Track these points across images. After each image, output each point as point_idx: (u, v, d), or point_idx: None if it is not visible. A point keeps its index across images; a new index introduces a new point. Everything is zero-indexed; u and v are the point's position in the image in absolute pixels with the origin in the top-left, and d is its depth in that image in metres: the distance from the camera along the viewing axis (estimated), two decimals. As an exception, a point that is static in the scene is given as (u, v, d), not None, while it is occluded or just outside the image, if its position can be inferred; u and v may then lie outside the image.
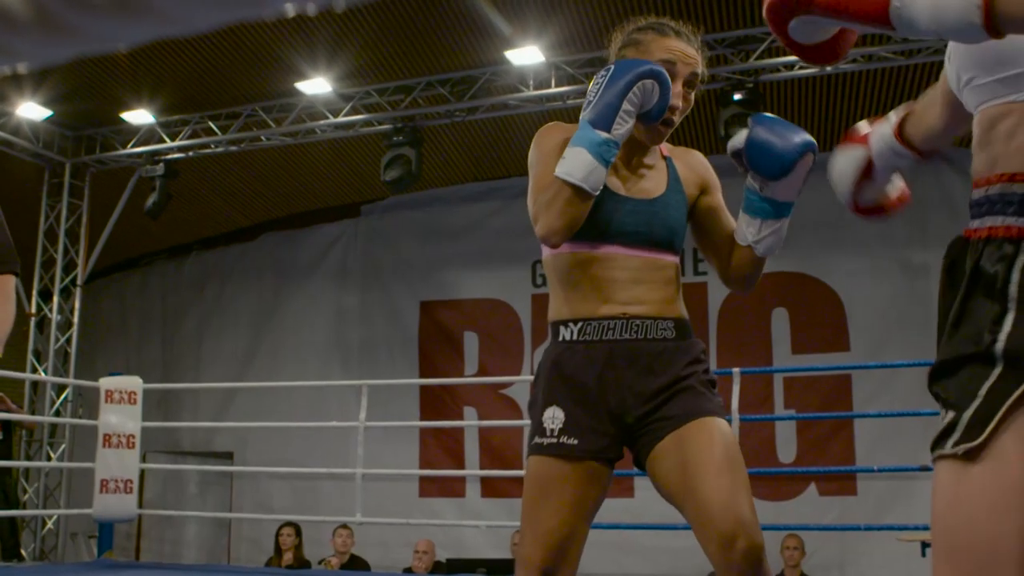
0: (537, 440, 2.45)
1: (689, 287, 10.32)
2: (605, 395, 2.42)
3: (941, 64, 1.72)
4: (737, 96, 8.34)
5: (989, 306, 1.39)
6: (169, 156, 10.10)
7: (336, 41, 8.50)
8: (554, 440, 2.42)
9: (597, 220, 2.43)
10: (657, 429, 2.40)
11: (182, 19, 0.65)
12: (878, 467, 7.98)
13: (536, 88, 8.92)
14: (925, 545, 6.32)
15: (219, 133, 9.92)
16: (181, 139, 10.03)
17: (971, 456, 1.37)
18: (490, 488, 10.53)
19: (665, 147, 2.64)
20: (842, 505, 9.44)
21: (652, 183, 2.54)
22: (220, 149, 10.11)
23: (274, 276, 12.08)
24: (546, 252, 2.52)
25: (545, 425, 2.44)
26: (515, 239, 10.84)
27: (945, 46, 1.68)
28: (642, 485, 10.12)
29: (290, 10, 0.66)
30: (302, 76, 9.07)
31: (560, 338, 2.48)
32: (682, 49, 2.49)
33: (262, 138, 9.91)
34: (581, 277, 2.46)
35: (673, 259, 2.52)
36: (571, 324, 2.46)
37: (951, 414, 1.41)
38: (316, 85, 9.20)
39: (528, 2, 7.92)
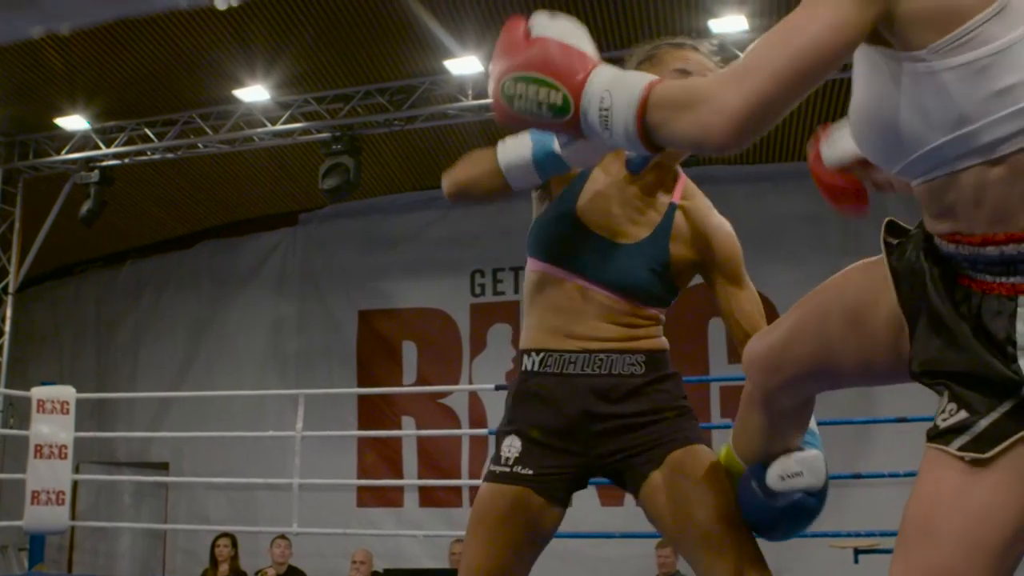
0: (491, 467, 2.35)
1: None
2: (570, 428, 2.32)
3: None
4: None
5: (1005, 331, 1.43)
6: (104, 163, 9.98)
7: (274, 48, 8.46)
8: (507, 469, 2.32)
9: (563, 246, 2.35)
10: (637, 464, 2.32)
11: (67, 13, 0.65)
12: (812, 474, 8.04)
13: (475, 98, 8.94)
14: (858, 552, 6.41)
15: (155, 140, 9.83)
16: (117, 145, 9.92)
17: (975, 464, 1.42)
18: (428, 498, 10.52)
19: (686, 192, 2.48)
20: (778, 512, 9.51)
21: (636, 227, 2.36)
22: (156, 156, 10.01)
23: (211, 285, 11.98)
24: (527, 267, 2.45)
25: (501, 453, 2.35)
26: (454, 248, 10.87)
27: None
28: (579, 494, 10.12)
29: (183, 3, 0.66)
30: (240, 83, 9.02)
31: (523, 367, 2.40)
32: (698, 60, 2.37)
33: (199, 145, 9.83)
34: (545, 303, 2.36)
35: (639, 307, 2.36)
36: (533, 354, 2.37)
37: (963, 413, 1.44)
38: (254, 92, 9.16)
39: (467, 12, 7.95)
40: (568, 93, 1.60)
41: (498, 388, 9.59)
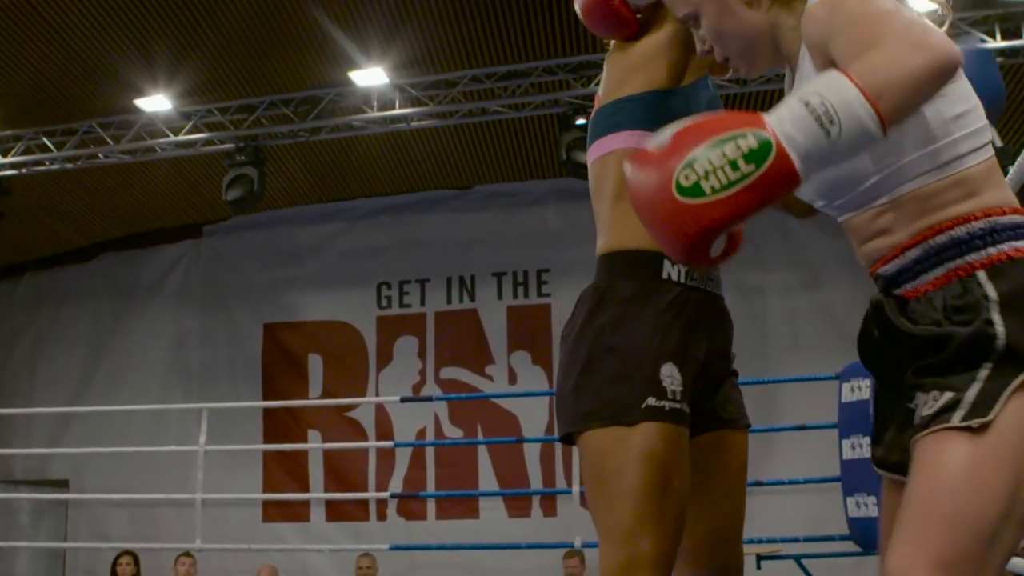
0: (653, 402, 1.90)
1: (533, 308, 10.47)
2: (703, 359, 2.02)
3: (775, 92, 1.79)
4: (580, 121, 8.50)
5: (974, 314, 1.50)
6: (1, 173, 9.76)
7: (176, 57, 8.36)
8: (677, 405, 1.92)
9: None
10: (708, 417, 2.07)
11: None
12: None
13: (380, 109, 8.92)
14: (760, 558, 6.51)
15: (54, 150, 9.63)
16: (14, 155, 9.70)
17: (981, 430, 1.44)
18: (335, 512, 10.45)
19: None
20: (682, 522, 9.62)
21: None
22: (55, 166, 9.80)
23: (112, 298, 11.78)
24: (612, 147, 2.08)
25: (664, 384, 1.92)
26: (360, 261, 10.84)
27: (778, 76, 1.74)
28: (487, 506, 10.18)
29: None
30: (141, 92, 8.88)
31: (665, 275, 2.00)
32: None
33: (99, 155, 9.65)
34: None
35: None
36: (670, 261, 2.00)
37: (949, 393, 1.48)
38: (156, 102, 9.02)
39: (372, 23, 7.93)
40: (755, 128, 1.36)
41: (404, 400, 9.61)
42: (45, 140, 9.64)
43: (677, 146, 1.37)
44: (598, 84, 8.20)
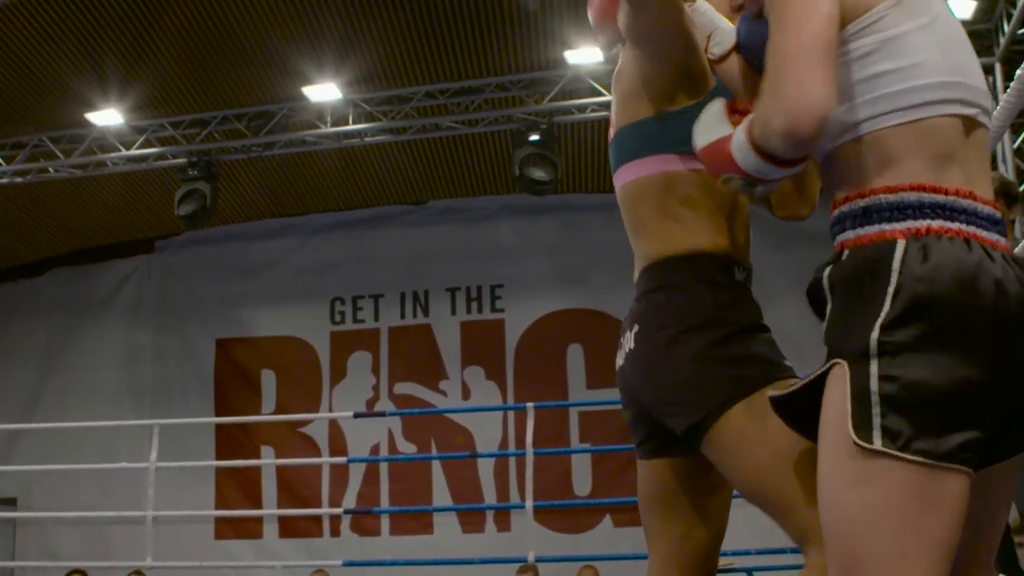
0: (774, 395, 1.79)
1: (486, 324, 10.48)
2: None
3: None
4: (533, 137, 8.54)
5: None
6: (-51, 187, 9.68)
7: (128, 71, 8.32)
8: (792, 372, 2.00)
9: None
10: None
11: None
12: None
13: (334, 125, 8.93)
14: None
15: (3, 164, 9.56)
16: (-38, 170, 9.63)
17: None
18: (288, 528, 10.40)
19: None
20: (636, 535, 9.62)
21: None
22: (5, 180, 9.72)
23: (63, 313, 11.66)
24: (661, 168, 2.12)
25: (776, 375, 1.97)
26: (313, 276, 10.82)
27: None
28: (441, 521, 10.16)
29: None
30: (92, 106, 8.84)
31: (736, 277, 2.07)
32: None
33: (50, 169, 9.59)
34: (725, 205, 2.08)
35: None
36: (741, 268, 2.08)
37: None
38: (107, 116, 8.98)
39: (326, 39, 7.94)
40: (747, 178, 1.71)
41: (357, 416, 9.58)
42: (-6, 154, 9.57)
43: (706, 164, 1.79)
44: (551, 100, 8.24)
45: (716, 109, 1.76)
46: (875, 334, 1.49)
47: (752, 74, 1.85)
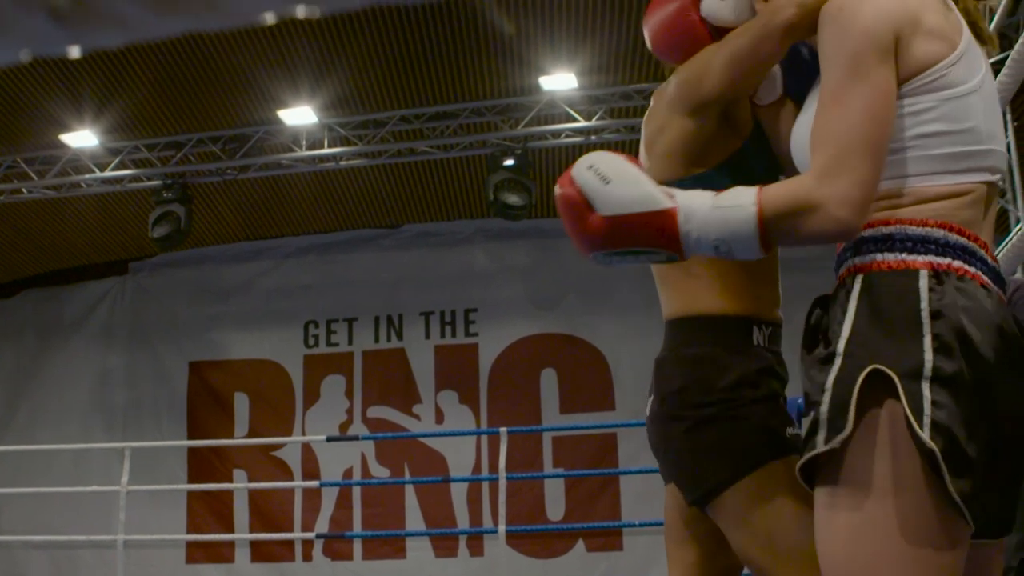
0: (790, 431, 2.02)
1: (460, 348, 10.49)
2: None
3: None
4: (507, 162, 8.59)
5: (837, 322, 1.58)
6: (-79, 208, 9.63)
7: (104, 93, 8.31)
8: (797, 432, 2.03)
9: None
10: None
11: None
12: (640, 522, 8.25)
13: (309, 148, 8.94)
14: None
15: (-24, 185, 9.52)
16: (-65, 190, 9.58)
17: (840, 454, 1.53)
18: (260, 552, 10.34)
19: None
20: (608, 560, 9.68)
21: None
22: (-23, 201, 9.69)
23: (35, 335, 11.58)
24: None
25: (782, 417, 2.06)
26: (287, 299, 10.80)
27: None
28: (414, 546, 10.13)
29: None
30: (67, 128, 8.82)
31: (754, 341, 2.04)
32: None
33: (23, 190, 9.55)
34: (767, 262, 2.03)
35: None
36: (764, 326, 2.06)
37: (811, 412, 1.54)
38: (82, 138, 8.96)
39: (301, 62, 7.96)
40: (671, 253, 1.63)
41: (330, 439, 9.57)
42: (-33, 175, 9.53)
43: (608, 241, 1.64)
44: (526, 126, 8.27)
45: (647, 183, 1.65)
46: (928, 355, 1.47)
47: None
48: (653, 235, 1.60)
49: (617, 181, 1.62)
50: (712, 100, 1.98)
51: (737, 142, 2.03)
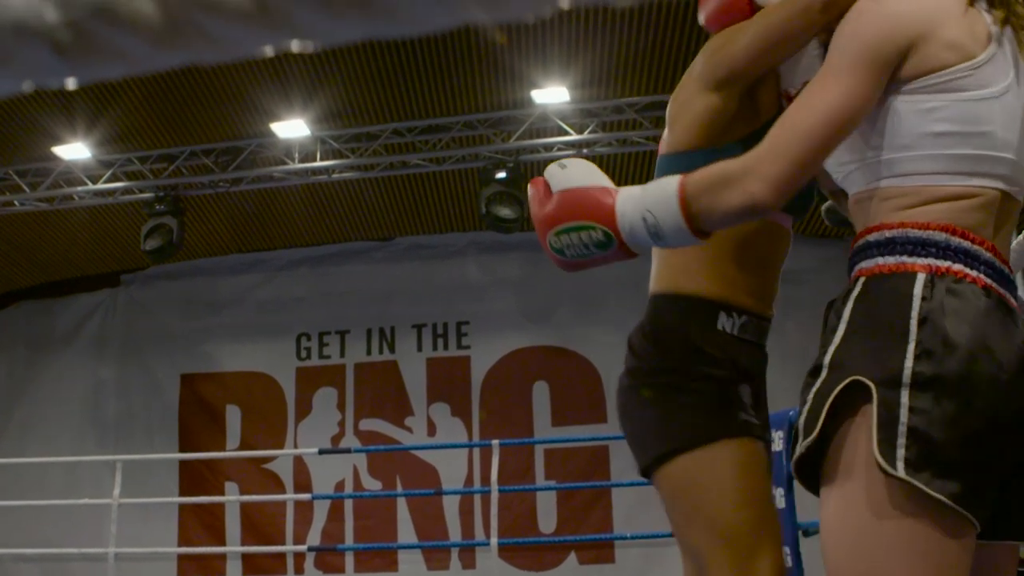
0: (742, 417, 2.05)
1: (453, 360, 10.49)
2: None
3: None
4: (500, 175, 8.61)
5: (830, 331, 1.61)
6: (-87, 220, 9.61)
7: (96, 106, 8.31)
8: (754, 420, 2.07)
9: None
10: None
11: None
12: (632, 534, 8.25)
13: (301, 161, 8.95)
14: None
15: (-32, 197, 9.52)
16: (-74, 203, 9.57)
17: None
18: (252, 566, 10.32)
19: None
20: (600, 573, 9.69)
21: None
22: (-31, 214, 9.69)
23: (26, 347, 11.57)
24: None
25: (745, 400, 2.07)
26: (279, 312, 10.80)
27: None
28: (406, 559, 10.13)
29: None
30: (59, 140, 8.81)
31: (719, 326, 2.05)
32: None
33: (15, 203, 9.54)
34: (753, 254, 2.08)
35: None
36: (735, 313, 2.06)
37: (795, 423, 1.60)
38: (74, 150, 8.95)
39: (294, 75, 7.97)
40: (605, 227, 1.73)
41: (322, 452, 9.56)
42: (-41, 187, 9.52)
43: (554, 215, 1.80)
44: (518, 139, 8.31)
45: (600, 174, 1.81)
46: (909, 362, 1.48)
47: None
48: (591, 206, 1.74)
49: (573, 168, 1.81)
50: (736, 73, 1.99)
51: (756, 123, 2.04)
